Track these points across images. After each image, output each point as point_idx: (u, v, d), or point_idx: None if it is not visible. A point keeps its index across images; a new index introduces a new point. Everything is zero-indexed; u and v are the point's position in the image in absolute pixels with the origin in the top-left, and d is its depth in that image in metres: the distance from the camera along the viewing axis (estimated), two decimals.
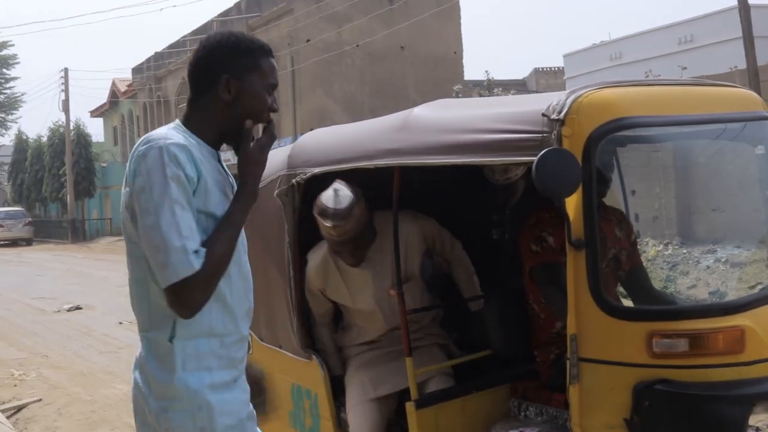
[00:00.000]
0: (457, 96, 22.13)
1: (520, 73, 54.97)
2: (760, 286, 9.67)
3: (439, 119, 3.49)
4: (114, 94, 46.87)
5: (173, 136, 2.28)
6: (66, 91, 41.56)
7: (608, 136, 2.90)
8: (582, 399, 2.84)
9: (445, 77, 29.80)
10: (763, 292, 3.15)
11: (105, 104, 49.04)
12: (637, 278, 3.81)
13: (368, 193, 3.74)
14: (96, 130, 55.85)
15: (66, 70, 41.70)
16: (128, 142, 45.41)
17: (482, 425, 3.58)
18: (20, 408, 8.03)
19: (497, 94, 21.45)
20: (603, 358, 2.83)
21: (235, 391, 2.39)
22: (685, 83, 3.61)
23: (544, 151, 2.66)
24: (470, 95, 23.38)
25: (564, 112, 2.82)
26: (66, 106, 41.43)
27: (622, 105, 2.94)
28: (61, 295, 16.01)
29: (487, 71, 26.89)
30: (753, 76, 14.37)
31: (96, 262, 26.53)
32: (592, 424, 2.84)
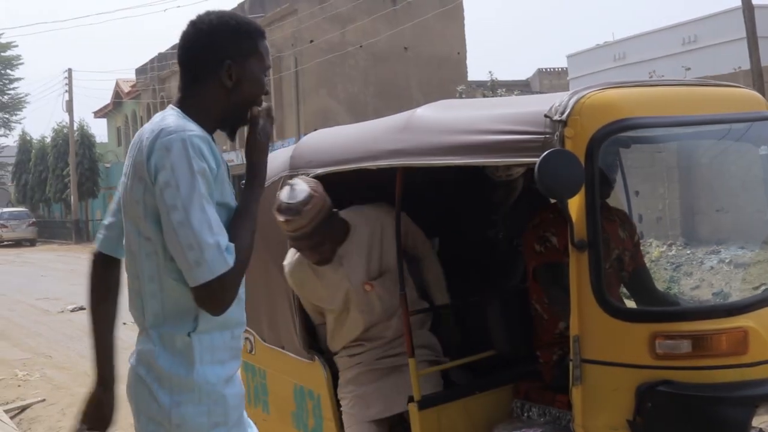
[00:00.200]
0: (460, 97, 22.12)
1: (524, 74, 54.95)
2: (764, 287, 9.66)
3: (441, 120, 3.49)
4: (118, 94, 46.92)
5: (191, 126, 2.21)
6: (70, 91, 41.59)
7: (611, 137, 2.90)
8: (585, 400, 2.84)
9: (449, 78, 29.79)
10: (766, 293, 3.15)
11: (109, 105, 49.09)
12: (640, 279, 3.80)
13: (371, 193, 3.74)
14: (100, 131, 56.01)
15: (70, 71, 41.74)
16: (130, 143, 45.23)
17: (485, 426, 3.58)
18: (24, 408, 8.04)
19: (501, 95, 21.43)
20: (606, 360, 2.82)
21: (239, 385, 2.39)
22: (689, 84, 3.61)
23: (546, 152, 2.65)
24: (474, 96, 23.37)
25: (567, 113, 2.82)
26: (70, 107, 41.47)
27: (625, 106, 2.94)
28: (65, 295, 15.95)
29: (490, 72, 26.75)
30: (757, 77, 14.35)
31: None
32: (595, 425, 2.84)
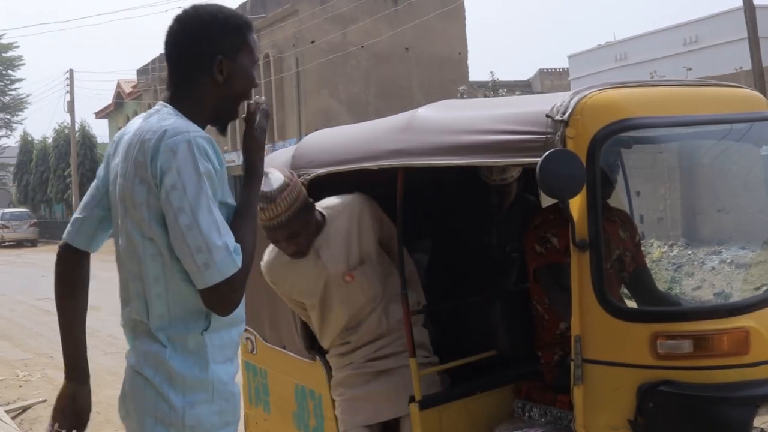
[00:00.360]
0: (461, 97, 22.12)
1: (525, 74, 54.97)
2: (766, 287, 9.66)
3: (443, 120, 3.49)
4: (119, 95, 46.94)
5: (193, 126, 2.19)
6: (71, 92, 41.61)
7: (613, 137, 2.90)
8: (586, 400, 2.83)
9: (450, 78, 29.82)
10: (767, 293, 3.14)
11: (110, 105, 49.10)
12: (641, 279, 3.79)
13: (372, 193, 3.73)
14: (101, 131, 55.99)
15: (71, 72, 41.75)
16: None
17: (486, 426, 3.58)
18: (25, 408, 8.05)
19: (502, 95, 21.45)
20: (607, 360, 2.82)
21: (238, 384, 2.39)
22: (690, 84, 3.60)
23: (548, 152, 2.65)
24: (475, 96, 23.37)
25: (568, 113, 2.82)
26: (71, 108, 41.48)
27: (627, 106, 2.94)
28: None
29: (491, 72, 26.91)
30: (758, 77, 14.36)
31: (101, 263, 26.31)
32: (596, 425, 2.84)
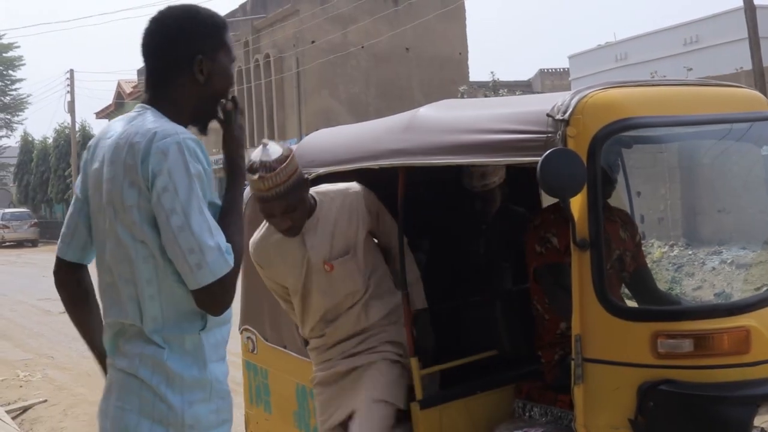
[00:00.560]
0: (462, 97, 22.13)
1: (525, 74, 54.98)
2: (766, 287, 9.66)
3: (444, 119, 3.49)
4: (119, 95, 46.92)
5: (181, 128, 2.19)
6: (71, 92, 41.62)
7: (613, 137, 2.90)
8: (586, 399, 2.84)
9: (451, 78, 29.81)
10: None
11: (110, 105, 49.06)
12: (641, 279, 3.79)
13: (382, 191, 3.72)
14: None
15: (71, 72, 41.76)
16: None
17: (486, 426, 3.58)
18: (26, 409, 8.05)
19: (502, 95, 21.45)
20: (608, 359, 2.82)
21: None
22: (691, 84, 3.60)
23: (548, 152, 2.66)
24: (475, 96, 23.38)
25: (569, 112, 2.82)
26: (71, 108, 41.50)
27: (627, 105, 2.94)
28: None
29: (492, 72, 26.99)
30: (759, 77, 14.37)
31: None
32: (597, 424, 2.84)
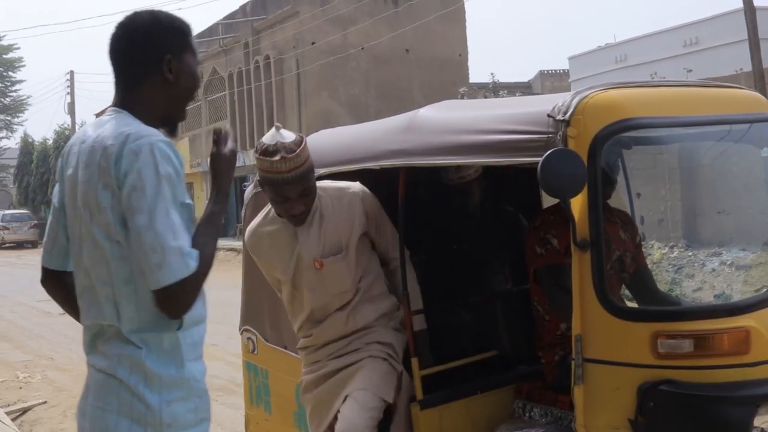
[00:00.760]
0: (462, 98, 22.13)
1: (525, 76, 55.01)
2: (766, 288, 9.65)
3: (444, 120, 3.49)
4: None
5: (154, 130, 2.24)
6: (72, 93, 41.68)
7: (614, 137, 2.90)
8: (587, 399, 2.84)
9: (450, 80, 29.83)
10: None
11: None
12: (641, 280, 3.80)
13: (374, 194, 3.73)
14: None
15: (72, 73, 41.81)
16: None
17: (487, 426, 3.58)
18: (25, 410, 8.05)
19: (502, 97, 21.46)
20: (608, 359, 2.82)
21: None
22: (691, 84, 3.61)
23: (549, 152, 2.66)
24: (475, 98, 23.40)
25: (569, 112, 2.82)
26: (72, 109, 41.55)
27: (628, 106, 2.95)
28: None
29: (492, 74, 26.99)
30: (758, 79, 14.38)
31: None
32: (597, 424, 2.84)
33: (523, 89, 33.78)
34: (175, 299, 2.15)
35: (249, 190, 4.45)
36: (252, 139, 30.96)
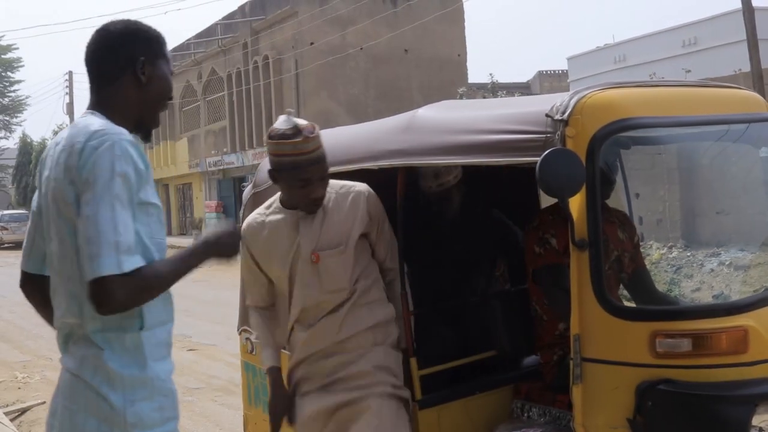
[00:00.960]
0: (461, 98, 22.14)
1: (524, 76, 55.02)
2: (764, 288, 9.64)
3: (443, 120, 3.50)
4: None
5: (120, 129, 2.26)
6: (70, 93, 41.67)
7: (612, 137, 2.91)
8: (585, 399, 2.84)
9: (449, 80, 29.83)
10: (766, 293, 3.15)
11: None
12: (640, 280, 3.80)
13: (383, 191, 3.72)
14: None
15: (70, 74, 41.80)
16: None
17: (485, 426, 3.58)
18: (24, 411, 8.04)
19: (501, 97, 21.46)
20: (606, 358, 2.83)
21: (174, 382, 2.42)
22: (690, 84, 3.61)
23: (547, 152, 2.66)
24: (474, 98, 23.41)
25: (568, 112, 2.83)
26: (70, 109, 41.53)
27: (626, 105, 2.95)
28: None
29: (491, 74, 26.88)
30: (757, 79, 14.40)
31: None
32: (595, 423, 2.84)
33: (522, 89, 33.78)
34: (100, 294, 2.13)
35: (248, 190, 4.45)
36: (251, 140, 30.95)
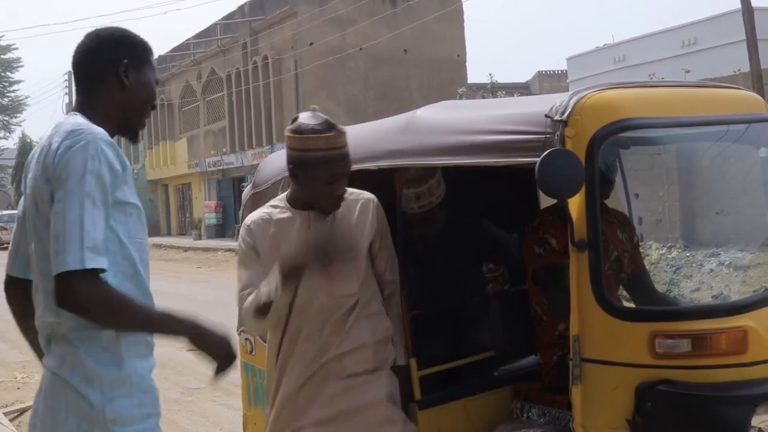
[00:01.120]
0: (460, 99, 22.16)
1: (524, 77, 55.09)
2: (764, 288, 9.65)
3: (442, 120, 3.49)
4: None
5: (98, 129, 2.27)
6: (70, 94, 41.65)
7: (611, 137, 2.90)
8: (584, 399, 2.84)
9: (449, 80, 29.87)
10: (766, 293, 3.15)
11: None
12: (639, 280, 3.80)
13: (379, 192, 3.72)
14: None
15: (70, 74, 41.74)
16: (131, 146, 45.45)
17: (485, 427, 3.58)
18: (23, 411, 8.02)
19: (500, 97, 21.47)
20: (606, 359, 2.83)
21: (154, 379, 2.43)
22: (689, 85, 3.61)
23: (547, 152, 2.66)
24: (474, 98, 23.42)
25: (567, 113, 2.82)
26: (70, 109, 41.45)
27: (626, 106, 2.95)
28: None
29: (490, 74, 26.92)
30: (756, 79, 14.41)
31: None
32: (595, 424, 2.84)
33: (522, 90, 33.81)
34: (61, 289, 2.14)
35: (247, 190, 4.44)
36: (250, 140, 30.95)
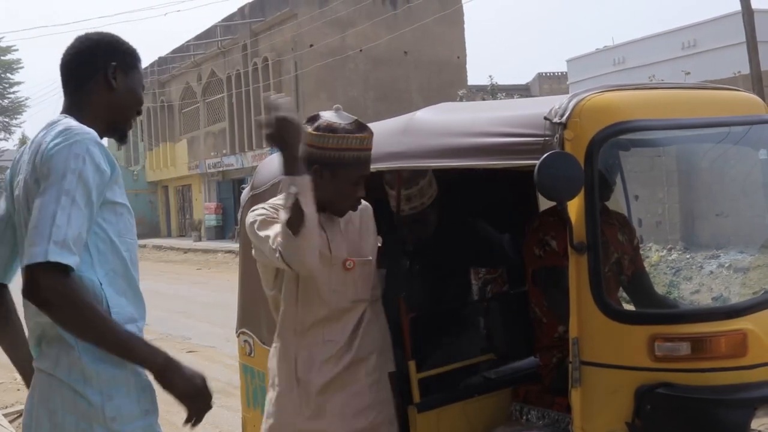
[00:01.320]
0: (460, 101, 22.17)
1: (524, 78, 55.10)
2: (763, 291, 9.65)
3: (441, 122, 3.49)
4: None
5: (87, 129, 2.29)
6: None
7: (611, 140, 2.90)
8: (584, 402, 2.83)
9: (449, 82, 29.89)
10: (765, 296, 3.14)
11: None
12: (639, 283, 3.79)
13: (372, 194, 3.72)
14: None
15: None
16: (131, 147, 45.51)
17: (484, 429, 3.58)
18: (23, 412, 8.04)
19: (500, 99, 21.49)
20: (605, 362, 2.82)
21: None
22: (689, 87, 3.61)
23: (546, 155, 2.65)
24: (474, 100, 23.43)
25: (566, 115, 2.82)
26: None
27: (625, 108, 2.94)
28: None
29: (490, 76, 26.97)
30: (756, 81, 14.41)
31: None
32: (594, 427, 2.83)
33: (522, 92, 33.84)
34: (27, 281, 2.16)
35: (246, 192, 4.44)
36: (250, 141, 30.96)
